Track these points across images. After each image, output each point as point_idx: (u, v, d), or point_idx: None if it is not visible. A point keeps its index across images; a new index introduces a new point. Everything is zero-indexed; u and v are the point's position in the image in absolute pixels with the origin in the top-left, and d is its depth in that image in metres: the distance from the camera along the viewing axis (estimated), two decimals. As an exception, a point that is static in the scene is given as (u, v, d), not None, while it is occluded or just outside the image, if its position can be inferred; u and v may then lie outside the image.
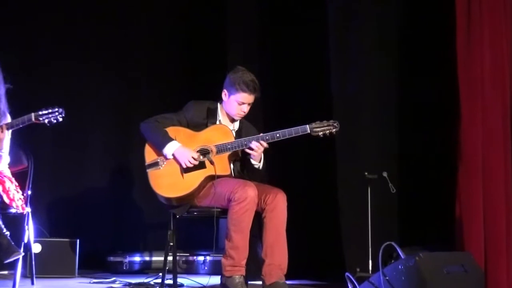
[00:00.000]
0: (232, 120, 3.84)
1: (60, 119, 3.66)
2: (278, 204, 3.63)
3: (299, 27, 4.75)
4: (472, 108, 3.89)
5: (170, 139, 3.67)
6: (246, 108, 3.77)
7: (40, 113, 3.62)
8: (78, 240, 4.47)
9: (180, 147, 3.66)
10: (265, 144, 3.64)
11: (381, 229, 4.31)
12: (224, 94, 3.80)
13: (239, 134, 3.83)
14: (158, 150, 3.69)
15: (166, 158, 3.68)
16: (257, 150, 3.64)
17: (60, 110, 3.67)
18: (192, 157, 3.63)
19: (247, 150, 3.67)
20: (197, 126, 3.76)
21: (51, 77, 5.01)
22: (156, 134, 3.70)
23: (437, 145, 4.31)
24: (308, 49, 4.74)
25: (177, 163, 3.66)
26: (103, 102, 5.16)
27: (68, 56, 5.05)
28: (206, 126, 3.76)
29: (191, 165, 3.63)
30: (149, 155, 3.73)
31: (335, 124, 3.68)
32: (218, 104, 3.84)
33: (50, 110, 3.63)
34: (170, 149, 3.66)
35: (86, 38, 5.10)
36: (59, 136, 4.89)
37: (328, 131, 3.66)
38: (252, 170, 3.76)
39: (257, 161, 3.72)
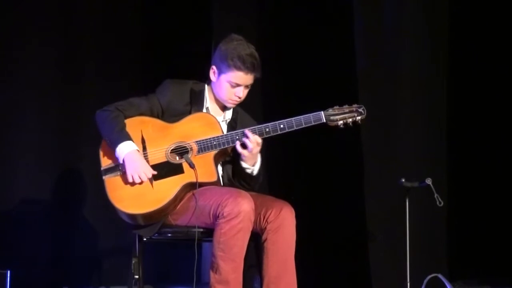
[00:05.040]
0: (224, 108, 3.82)
1: None
2: (284, 222, 3.60)
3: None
4: None
5: (126, 138, 3.63)
6: (241, 92, 3.73)
7: None
8: (8, 272, 4.41)
9: (133, 152, 3.61)
10: (259, 140, 3.62)
11: (424, 255, 4.37)
12: (213, 71, 3.77)
13: (232, 126, 3.81)
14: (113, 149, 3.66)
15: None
16: (251, 148, 3.63)
17: None
18: (144, 173, 3.59)
19: (238, 148, 3.64)
20: (177, 115, 3.73)
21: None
22: (111, 127, 3.65)
23: (505, 145, 4.40)
24: (323, 8, 4.79)
25: (146, 162, 3.64)
26: (40, 84, 5.11)
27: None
28: (189, 114, 3.74)
29: (138, 181, 3.59)
30: (106, 156, 3.70)
31: (360, 110, 3.65)
32: (206, 85, 3.82)
33: None
34: (122, 151, 3.62)
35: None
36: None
37: (350, 120, 3.64)
38: (244, 177, 3.75)
39: (249, 164, 3.71)
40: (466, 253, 4.44)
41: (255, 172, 3.74)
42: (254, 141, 3.62)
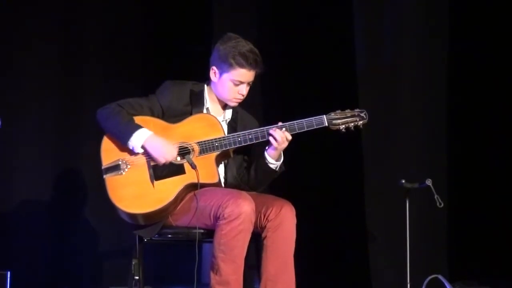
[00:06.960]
0: (224, 108, 3.83)
1: None
2: (284, 221, 3.60)
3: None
4: None
5: (137, 126, 3.62)
6: (244, 90, 3.74)
7: None
8: (9, 273, 4.44)
9: (153, 135, 3.61)
10: (289, 136, 3.61)
11: (424, 256, 4.37)
12: (213, 72, 3.76)
13: (232, 126, 3.81)
14: (121, 144, 3.64)
15: (132, 154, 3.63)
16: (280, 142, 3.62)
17: None
18: (171, 155, 3.59)
19: (270, 139, 3.61)
20: (177, 116, 3.72)
21: None
22: (118, 121, 3.63)
23: (505, 145, 4.40)
24: (323, 8, 4.79)
25: (148, 162, 3.63)
26: (40, 83, 5.09)
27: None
28: (190, 115, 3.74)
29: (168, 161, 3.60)
30: (107, 154, 3.68)
31: (362, 115, 3.67)
32: (205, 86, 3.83)
33: None
34: (138, 138, 3.61)
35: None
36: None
37: (352, 124, 3.66)
38: (266, 172, 3.71)
39: (274, 158, 3.70)
40: (466, 253, 4.43)
41: (278, 168, 3.73)
42: (283, 136, 3.61)
